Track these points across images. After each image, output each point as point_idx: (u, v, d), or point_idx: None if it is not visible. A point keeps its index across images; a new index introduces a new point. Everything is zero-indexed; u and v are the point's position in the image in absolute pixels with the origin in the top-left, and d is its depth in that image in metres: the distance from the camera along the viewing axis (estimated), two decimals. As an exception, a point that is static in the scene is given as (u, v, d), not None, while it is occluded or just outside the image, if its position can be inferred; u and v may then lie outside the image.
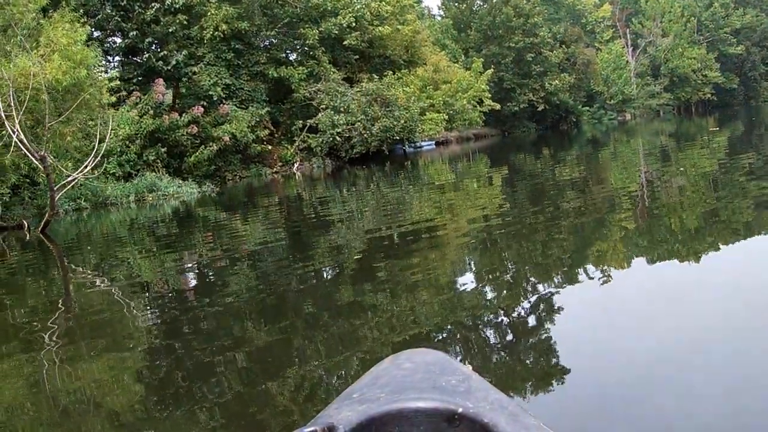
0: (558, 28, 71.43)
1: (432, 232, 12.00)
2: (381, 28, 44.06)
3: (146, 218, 21.32)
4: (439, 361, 2.64)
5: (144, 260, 12.89)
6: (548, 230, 10.88)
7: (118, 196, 26.23)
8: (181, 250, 13.70)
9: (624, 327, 5.86)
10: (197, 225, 18.55)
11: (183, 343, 6.71)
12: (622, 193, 14.70)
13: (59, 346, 6.94)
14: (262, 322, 7.23)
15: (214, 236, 15.25)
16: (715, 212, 10.99)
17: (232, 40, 37.67)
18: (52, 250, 15.94)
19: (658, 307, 6.30)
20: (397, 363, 2.64)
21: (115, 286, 10.14)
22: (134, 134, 29.58)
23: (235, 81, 37.24)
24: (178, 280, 10.37)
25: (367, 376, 2.62)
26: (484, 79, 54.54)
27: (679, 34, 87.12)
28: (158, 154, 29.90)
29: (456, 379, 2.46)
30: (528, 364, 5.29)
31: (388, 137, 38.37)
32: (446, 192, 19.48)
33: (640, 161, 23.28)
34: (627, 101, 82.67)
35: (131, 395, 5.48)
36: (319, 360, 5.71)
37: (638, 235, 9.89)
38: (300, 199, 22.67)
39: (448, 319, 6.60)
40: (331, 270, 9.64)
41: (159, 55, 33.08)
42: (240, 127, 33.79)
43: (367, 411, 2.29)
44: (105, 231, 19.24)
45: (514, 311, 6.69)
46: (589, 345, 5.60)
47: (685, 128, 47.42)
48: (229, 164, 34.80)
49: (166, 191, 27.18)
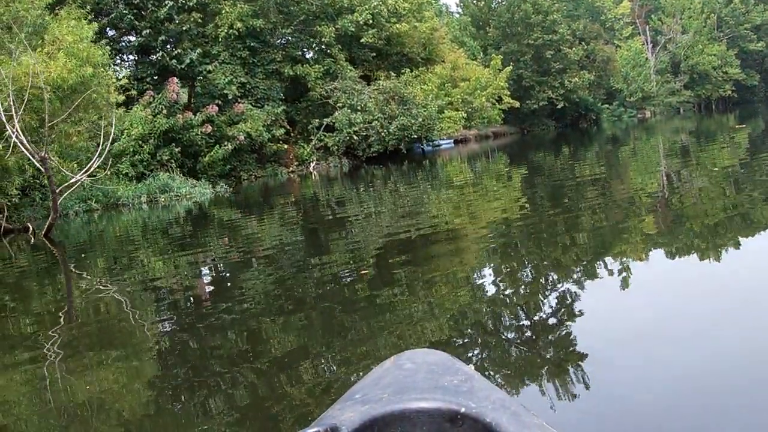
0: (577, 25, 70.19)
1: (450, 232, 11.72)
2: (398, 26, 43.07)
3: (158, 219, 20.64)
4: (441, 361, 2.64)
5: (157, 261, 12.32)
6: (569, 230, 10.64)
7: (129, 197, 25.47)
8: (195, 251, 13.09)
9: (647, 327, 5.64)
10: (211, 226, 17.89)
11: (198, 345, 6.57)
12: (644, 192, 14.32)
13: (63, 355, 6.61)
14: (278, 325, 6.92)
15: (229, 237, 14.68)
16: (738, 211, 10.69)
17: (247, 38, 36.80)
18: (56, 255, 15.14)
19: (680, 307, 6.13)
20: (399, 363, 2.63)
21: (121, 291, 9.62)
22: (147, 134, 28.83)
23: (250, 79, 36.37)
24: (192, 283, 9.96)
25: (370, 377, 2.62)
26: (503, 77, 53.40)
27: (698, 30, 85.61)
28: (172, 153, 29.16)
29: (458, 378, 2.45)
30: (550, 366, 5.06)
31: (406, 136, 37.41)
32: (465, 191, 18.89)
33: (661, 159, 22.71)
34: (647, 98, 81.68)
35: (142, 400, 5.34)
36: (338, 364, 5.54)
37: (661, 234, 9.65)
38: (317, 200, 21.98)
39: (469, 321, 6.44)
40: (349, 271, 9.29)
41: (172, 53, 32.31)
42: (255, 126, 32.98)
43: (370, 411, 2.27)
44: (115, 233, 18.44)
45: (535, 311, 6.50)
46: (614, 346, 5.37)
47: (706, 126, 46.48)
48: (245, 164, 34.05)
49: (179, 192, 26.37)
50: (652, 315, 5.94)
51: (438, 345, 5.37)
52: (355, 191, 22.87)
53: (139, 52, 33.63)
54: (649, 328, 5.58)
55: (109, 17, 32.04)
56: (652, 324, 5.68)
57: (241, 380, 5.40)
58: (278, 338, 6.50)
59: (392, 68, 43.33)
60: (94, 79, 19.30)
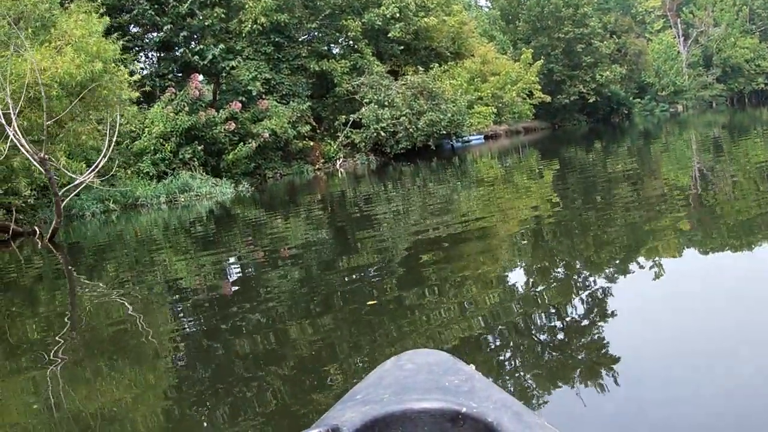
0: (608, 18, 68.30)
1: (480, 230, 11.25)
2: (426, 19, 41.57)
3: (178, 220, 19.81)
4: (441, 361, 2.61)
5: (180, 262, 11.82)
6: (601, 229, 10.33)
7: (148, 197, 24.29)
8: (217, 252, 12.63)
9: (682, 332, 5.37)
10: (234, 226, 17.04)
11: (223, 347, 6.35)
12: (677, 189, 13.90)
13: (70, 362, 6.44)
14: (304, 328, 6.64)
15: (254, 237, 14.04)
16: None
17: (271, 33, 35.49)
18: (58, 260, 14.11)
19: (716, 307, 5.86)
20: (400, 364, 2.60)
21: (133, 299, 9.09)
22: (169, 132, 27.69)
23: (275, 75, 35.09)
24: (215, 286, 9.54)
25: (371, 378, 2.60)
26: (534, 71, 51.67)
27: (731, 23, 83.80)
28: (195, 152, 28.02)
29: (459, 379, 2.42)
30: (581, 368, 4.86)
31: (435, 132, 35.82)
32: (495, 188, 18.11)
33: (694, 154, 22.21)
34: (679, 92, 79.92)
35: (161, 406, 5.17)
36: (367, 369, 4.61)
37: (696, 233, 9.34)
38: (344, 198, 21.22)
39: (499, 322, 6.16)
40: (377, 271, 8.94)
41: (195, 49, 31.16)
42: (280, 122, 31.74)
43: (371, 412, 2.25)
44: (132, 235, 17.38)
45: (566, 313, 6.21)
46: (647, 351, 5.11)
47: (740, 120, 45.71)
48: (270, 161, 32.82)
49: (199, 191, 25.14)
50: (686, 319, 5.69)
51: (467, 347, 5.39)
52: (383, 189, 21.93)
53: (160, 49, 32.42)
54: (683, 333, 5.32)
55: (131, 14, 30.92)
56: (687, 329, 5.42)
57: (266, 386, 5.14)
58: (304, 341, 6.22)
59: (420, 63, 41.50)
60: (105, 75, 18.03)
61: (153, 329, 7.34)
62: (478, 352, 5.36)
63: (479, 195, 16.85)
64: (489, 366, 4.98)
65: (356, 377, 4.88)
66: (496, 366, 5.05)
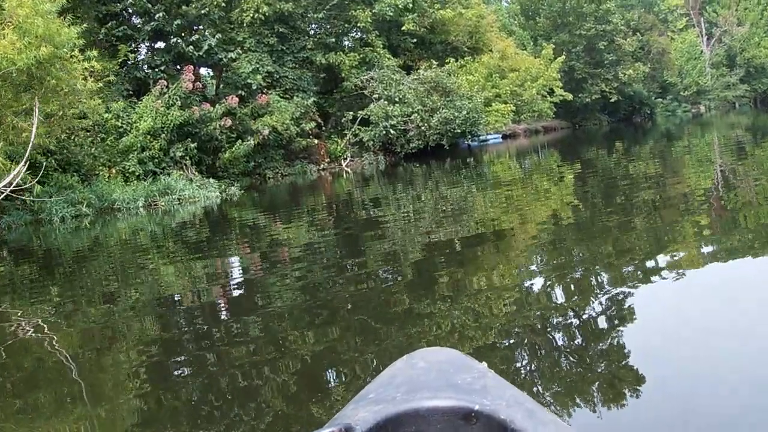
0: (631, 15, 64.80)
1: (495, 237, 10.37)
2: (442, 12, 38.43)
3: (148, 229, 16.70)
4: (453, 359, 2.47)
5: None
6: (623, 237, 9.41)
7: (126, 201, 21.13)
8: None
9: (703, 340, 5.03)
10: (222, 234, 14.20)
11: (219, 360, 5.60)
12: (700, 193, 13.00)
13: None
14: (308, 340, 5.93)
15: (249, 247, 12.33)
16: None
17: (275, 24, 32.16)
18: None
19: (737, 318, 5.39)
20: (412, 362, 2.45)
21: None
22: (159, 128, 24.57)
23: (278, 68, 31.78)
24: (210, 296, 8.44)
25: (382, 376, 2.44)
26: (555, 67, 48.09)
27: (755, 22, 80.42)
28: (187, 149, 24.90)
29: (471, 376, 2.30)
30: (598, 379, 4.54)
31: (449, 130, 32.24)
32: (513, 193, 16.58)
33: (718, 157, 20.89)
34: (701, 93, 76.83)
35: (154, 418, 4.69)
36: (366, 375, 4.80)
37: (720, 239, 8.69)
38: (350, 200, 19.39)
39: (513, 331, 5.69)
40: (385, 280, 8.27)
41: (189, 39, 27.99)
42: (282, 119, 28.59)
43: (383, 411, 2.12)
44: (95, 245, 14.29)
45: (585, 322, 5.76)
46: (668, 355, 4.83)
47: (764, 121, 43.72)
48: (270, 160, 29.71)
49: (182, 194, 21.95)
50: (708, 326, 5.33)
51: (479, 357, 3.73)
52: (393, 191, 20.15)
53: (153, 38, 29.16)
54: (705, 341, 5.00)
55: (124, 2, 27.86)
56: (708, 340, 5.01)
57: (264, 400, 4.73)
58: (308, 353, 5.60)
59: (436, 58, 38.20)
60: (55, 62, 14.88)
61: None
62: (493, 362, 4.49)
63: (495, 199, 15.50)
64: (504, 376, 3.62)
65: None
66: (512, 375, 4.53)
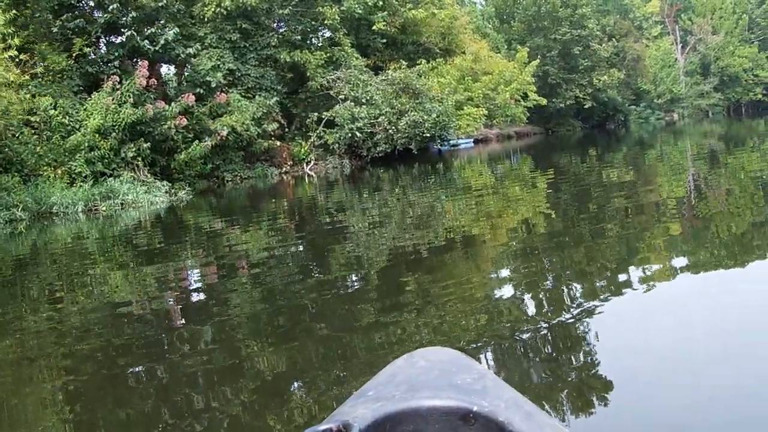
0: (607, 21, 63.77)
1: (463, 247, 9.95)
2: (414, 12, 36.80)
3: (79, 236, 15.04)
4: (454, 359, 2.42)
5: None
6: (596, 247, 9.05)
7: (65, 205, 19.34)
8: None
9: (674, 348, 4.98)
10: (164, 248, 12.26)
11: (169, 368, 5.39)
12: (673, 201, 12.86)
13: None
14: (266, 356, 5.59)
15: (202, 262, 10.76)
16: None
17: (238, 19, 30.32)
18: None
19: (708, 323, 5.47)
20: (412, 361, 2.40)
21: None
22: (110, 126, 22.83)
23: (240, 66, 29.99)
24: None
25: (382, 374, 2.39)
26: (530, 71, 46.81)
27: (730, 31, 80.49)
28: (140, 150, 23.17)
29: (471, 377, 2.26)
30: (568, 390, 4.42)
31: (418, 134, 30.53)
32: (484, 199, 15.85)
33: (691, 166, 20.73)
34: (675, 100, 76.38)
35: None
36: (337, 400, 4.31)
37: (691, 247, 8.62)
38: (314, 205, 18.36)
39: (483, 342, 5.43)
40: (350, 291, 7.78)
41: (145, 33, 26.18)
42: (242, 119, 26.95)
43: (382, 409, 2.09)
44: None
45: (556, 333, 5.52)
46: (641, 372, 4.63)
47: (736, 130, 43.36)
48: (229, 163, 27.94)
49: (125, 198, 20.15)
50: (678, 334, 5.27)
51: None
52: (358, 197, 19.22)
53: (106, 31, 27.28)
54: (675, 349, 4.95)
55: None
56: (679, 344, 5.03)
57: (223, 410, 4.49)
58: (266, 364, 5.37)
59: (407, 59, 36.61)
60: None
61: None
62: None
63: (465, 206, 14.78)
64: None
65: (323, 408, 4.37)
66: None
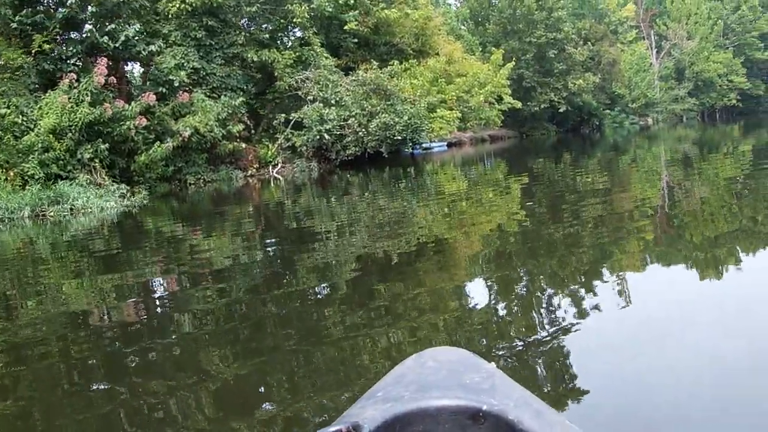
0: (583, 24, 63.08)
1: (435, 254, 9.64)
2: (387, 12, 35.90)
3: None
4: (463, 358, 2.49)
5: None
6: (571, 254, 8.75)
7: (10, 210, 18.19)
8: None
9: (648, 351, 5.05)
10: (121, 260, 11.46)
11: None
12: (646, 206, 12.89)
13: None
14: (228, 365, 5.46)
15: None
16: (741, 226, 9.84)
17: (204, 16, 29.23)
18: None
19: (681, 326, 5.57)
20: (421, 361, 2.47)
21: None
22: (66, 126, 21.81)
23: (205, 65, 28.86)
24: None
25: (391, 375, 2.46)
26: (504, 73, 45.97)
27: (705, 36, 79.88)
28: (97, 151, 22.18)
29: (480, 376, 2.32)
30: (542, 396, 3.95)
31: (388, 137, 29.61)
32: (456, 205, 15.32)
33: (665, 171, 20.64)
34: (650, 105, 75.84)
35: None
36: (300, 402, 4.53)
37: (664, 251, 8.66)
38: (281, 210, 17.90)
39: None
40: (317, 297, 7.66)
41: (105, 29, 24.99)
42: (206, 119, 25.88)
43: (392, 409, 2.14)
44: None
45: (530, 340, 5.51)
46: (614, 372, 4.75)
47: (710, 135, 43.20)
48: (192, 165, 26.96)
49: (74, 203, 18.96)
50: (652, 336, 5.36)
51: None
52: (326, 201, 18.77)
53: (65, 27, 26.04)
54: (649, 352, 5.00)
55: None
56: (653, 347, 5.10)
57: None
58: (231, 377, 5.17)
59: (380, 60, 35.51)
60: None
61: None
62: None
63: (437, 212, 14.45)
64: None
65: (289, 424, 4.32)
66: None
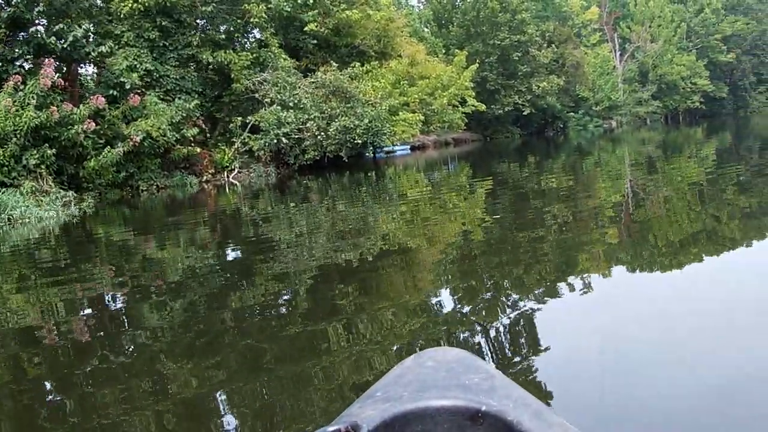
0: (547, 27, 62.88)
1: (398, 257, 9.38)
2: (348, 12, 35.13)
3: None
4: (462, 359, 2.45)
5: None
6: (537, 255, 8.72)
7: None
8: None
9: (614, 353, 4.99)
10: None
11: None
12: (611, 207, 13.06)
13: None
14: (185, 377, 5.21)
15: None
16: (702, 226, 10.18)
17: (157, 16, 28.36)
18: None
19: (643, 324, 5.57)
20: (420, 361, 2.43)
21: None
22: (10, 131, 20.83)
23: (158, 66, 27.94)
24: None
25: (390, 375, 2.41)
26: (468, 76, 45.44)
27: (668, 39, 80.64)
28: (44, 157, 21.17)
29: (479, 377, 2.28)
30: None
31: (348, 140, 28.90)
32: (419, 209, 15.24)
33: (630, 173, 20.77)
34: (613, 108, 75.92)
35: None
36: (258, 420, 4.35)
37: (629, 252, 8.64)
38: (238, 217, 17.28)
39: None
40: (276, 308, 7.22)
41: (52, 29, 23.96)
42: (158, 123, 24.90)
43: (390, 409, 2.11)
44: None
45: (496, 344, 5.45)
46: (579, 375, 4.68)
47: (674, 138, 43.80)
48: (145, 171, 25.88)
49: (12, 213, 17.89)
50: (617, 341, 5.26)
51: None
52: (284, 207, 18.25)
53: (10, 27, 24.95)
54: (615, 354, 4.95)
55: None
56: (620, 348, 5.05)
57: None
58: (189, 393, 4.87)
59: (341, 62, 34.80)
60: None
61: None
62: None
63: (399, 217, 14.20)
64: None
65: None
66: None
